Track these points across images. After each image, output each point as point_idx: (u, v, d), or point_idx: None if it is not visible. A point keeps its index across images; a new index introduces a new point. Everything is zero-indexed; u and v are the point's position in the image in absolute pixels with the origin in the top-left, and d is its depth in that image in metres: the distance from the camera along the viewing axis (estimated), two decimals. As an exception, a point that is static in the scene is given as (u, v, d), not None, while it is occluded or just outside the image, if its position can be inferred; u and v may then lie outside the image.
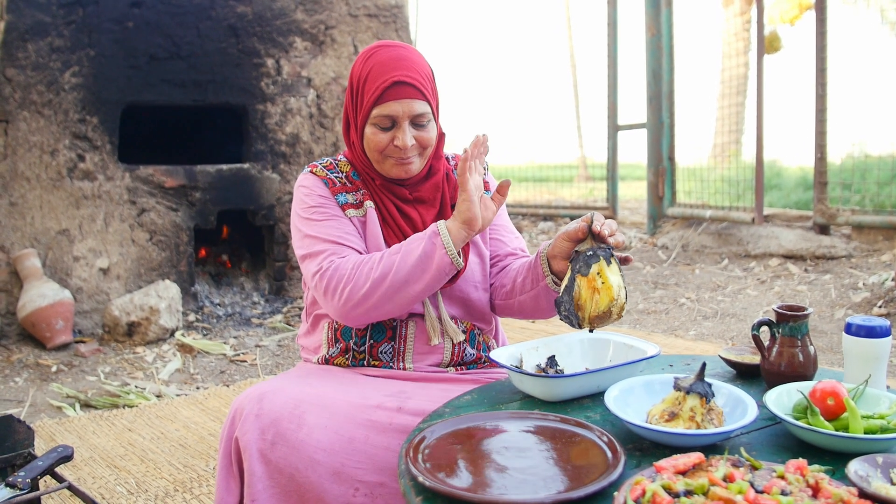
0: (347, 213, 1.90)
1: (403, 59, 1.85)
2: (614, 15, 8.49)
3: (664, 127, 7.76)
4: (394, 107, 1.81)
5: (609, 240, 1.67)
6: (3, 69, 4.65)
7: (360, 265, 1.75)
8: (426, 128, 1.87)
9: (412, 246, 1.74)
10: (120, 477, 2.91)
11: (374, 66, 1.84)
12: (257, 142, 5.54)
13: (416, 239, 1.75)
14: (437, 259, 1.71)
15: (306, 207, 1.90)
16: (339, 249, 1.83)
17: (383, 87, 1.81)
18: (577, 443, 1.39)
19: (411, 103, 1.82)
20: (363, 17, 5.94)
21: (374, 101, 1.82)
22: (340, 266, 1.77)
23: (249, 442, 1.61)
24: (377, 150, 1.86)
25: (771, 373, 1.66)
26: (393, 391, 1.77)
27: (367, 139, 1.86)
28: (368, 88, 1.83)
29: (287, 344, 4.83)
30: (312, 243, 1.85)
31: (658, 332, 4.92)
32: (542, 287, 1.85)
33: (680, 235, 7.41)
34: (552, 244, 1.79)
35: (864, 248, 6.25)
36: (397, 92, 1.81)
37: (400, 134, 1.83)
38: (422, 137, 1.86)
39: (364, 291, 1.72)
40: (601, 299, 1.62)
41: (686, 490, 1.13)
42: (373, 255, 1.77)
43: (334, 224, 1.87)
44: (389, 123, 1.83)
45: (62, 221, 4.84)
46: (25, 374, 4.22)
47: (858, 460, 1.23)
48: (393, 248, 1.77)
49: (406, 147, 1.83)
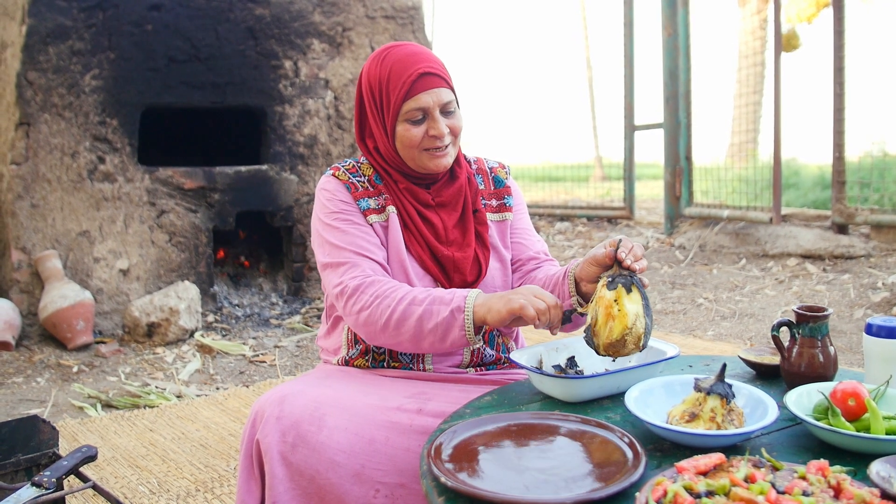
0: (370, 219, 1.90)
1: (420, 52, 1.88)
2: (630, 15, 8.47)
3: (681, 127, 7.73)
4: (424, 98, 1.83)
5: (634, 266, 1.64)
6: (24, 72, 4.70)
7: (381, 297, 1.74)
8: (454, 115, 1.89)
9: (434, 308, 1.70)
10: (142, 477, 2.94)
11: (394, 63, 1.85)
12: (275, 143, 5.57)
13: (442, 301, 1.71)
14: (454, 336, 1.69)
15: (328, 213, 1.90)
16: (360, 261, 1.83)
17: (411, 81, 1.82)
18: (598, 443, 1.40)
19: (439, 92, 1.84)
20: (380, 19, 5.96)
21: (403, 95, 1.83)
22: (361, 289, 1.76)
23: (270, 444, 1.62)
24: (413, 145, 1.86)
25: (791, 373, 1.66)
26: (413, 392, 1.78)
27: (401, 137, 1.86)
28: (394, 85, 1.84)
29: (305, 345, 4.85)
30: (334, 252, 1.86)
31: (676, 333, 4.91)
32: (566, 305, 1.85)
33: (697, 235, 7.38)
34: (580, 266, 1.78)
35: (884, 248, 6.20)
36: (425, 83, 1.83)
37: (434, 124, 1.84)
38: (453, 125, 1.88)
39: (380, 326, 1.74)
40: (615, 327, 1.59)
41: (707, 491, 1.13)
42: (395, 291, 1.75)
43: (356, 232, 1.87)
44: (421, 116, 1.84)
45: (83, 223, 4.88)
46: (47, 374, 4.26)
47: (880, 461, 1.22)
48: (416, 296, 1.73)
49: (442, 135, 1.84)
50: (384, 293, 1.75)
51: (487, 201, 2.04)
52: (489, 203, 2.05)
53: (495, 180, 2.09)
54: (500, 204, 2.06)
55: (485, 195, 2.05)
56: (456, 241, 1.93)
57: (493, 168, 2.11)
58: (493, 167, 2.11)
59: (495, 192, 2.07)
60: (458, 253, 1.91)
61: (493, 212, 2.04)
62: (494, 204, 2.06)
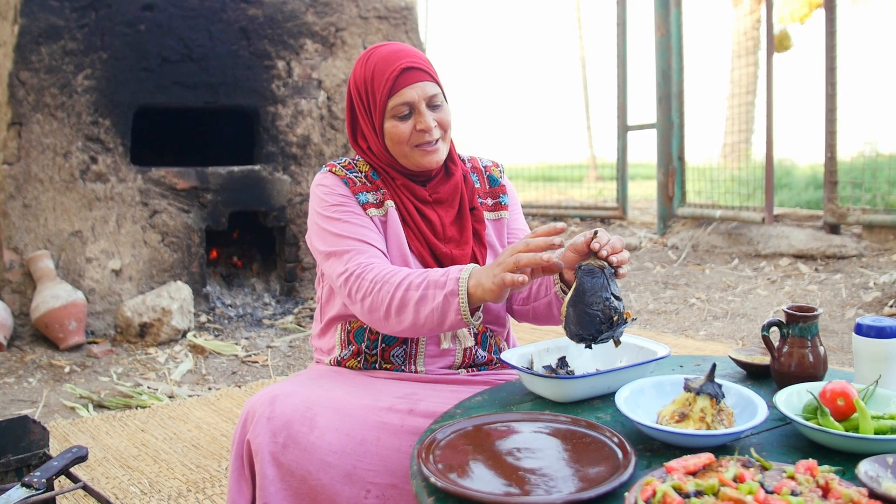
0: (369, 213, 1.89)
1: (402, 49, 1.88)
2: (624, 15, 8.48)
3: (674, 127, 7.75)
4: (408, 93, 1.83)
5: (611, 258, 1.62)
6: (16, 72, 4.69)
7: (381, 283, 1.71)
8: (442, 108, 1.88)
9: (430, 293, 1.66)
10: (133, 477, 2.93)
11: (378, 62, 1.85)
12: (268, 143, 5.56)
13: (437, 285, 1.66)
14: (451, 320, 1.65)
15: (328, 206, 1.88)
16: (364, 248, 1.81)
17: (394, 77, 1.82)
18: (588, 443, 1.40)
19: (423, 86, 1.84)
20: (373, 19, 5.96)
21: (387, 92, 1.83)
22: (363, 275, 1.75)
23: (261, 445, 1.63)
24: (402, 141, 1.85)
25: (781, 373, 1.67)
26: (404, 393, 1.78)
27: (390, 134, 1.86)
28: (378, 83, 1.84)
29: (298, 345, 4.85)
30: (337, 241, 1.84)
31: (668, 333, 4.92)
32: (553, 294, 1.86)
33: (690, 235, 7.40)
34: (562, 253, 1.79)
35: (875, 248, 6.23)
36: (408, 77, 1.83)
37: (420, 118, 1.84)
38: (441, 119, 1.87)
39: (383, 314, 1.71)
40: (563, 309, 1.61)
41: (696, 490, 1.13)
42: (393, 276, 1.72)
43: (358, 222, 1.86)
44: (407, 111, 1.84)
45: (75, 223, 4.87)
46: (39, 374, 4.25)
47: (868, 461, 1.23)
48: (412, 281, 1.69)
49: (430, 128, 1.84)
50: (383, 278, 1.72)
51: (483, 200, 2.05)
52: (485, 202, 2.05)
53: (490, 179, 2.09)
54: (495, 203, 2.06)
55: (481, 193, 2.05)
56: (454, 238, 1.93)
57: (488, 167, 2.11)
58: (486, 165, 2.12)
59: (490, 191, 2.07)
60: (456, 250, 1.91)
61: (489, 210, 2.04)
62: (490, 203, 2.06)
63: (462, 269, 1.66)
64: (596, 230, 1.67)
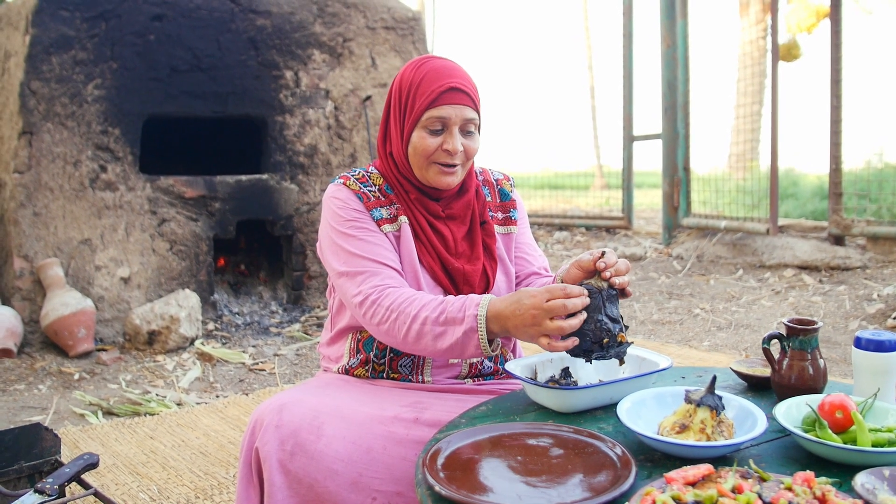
0: (383, 229, 1.90)
1: (457, 69, 1.89)
2: (630, 26, 8.52)
3: (679, 137, 7.77)
4: (447, 110, 1.84)
5: (615, 280, 1.67)
6: (27, 82, 4.74)
7: (396, 312, 1.74)
8: (473, 136, 1.90)
9: (448, 330, 1.70)
10: (142, 484, 2.96)
11: (429, 72, 1.86)
12: (276, 153, 5.61)
13: (454, 321, 1.70)
14: (470, 352, 1.71)
15: (342, 221, 1.89)
16: (378, 269, 1.83)
17: (439, 91, 1.83)
18: (590, 453, 1.43)
19: (464, 110, 1.85)
20: (381, 30, 6.00)
21: (428, 103, 1.84)
22: (378, 301, 1.77)
23: (269, 452, 1.65)
24: (424, 155, 1.86)
25: (781, 385, 1.69)
26: (410, 402, 1.80)
27: (415, 144, 1.87)
28: (422, 92, 1.85)
29: (305, 353, 4.88)
30: (351, 260, 1.85)
31: (672, 343, 4.94)
32: None
33: (695, 245, 7.42)
34: (567, 270, 1.82)
35: (880, 259, 6.24)
36: (452, 97, 1.84)
37: (450, 138, 1.85)
38: (468, 146, 1.88)
39: (399, 341, 1.76)
40: None
41: (695, 501, 1.15)
42: (407, 306, 1.74)
43: (372, 241, 1.87)
44: (440, 126, 1.85)
45: (84, 231, 4.91)
46: (49, 381, 4.28)
47: (865, 473, 1.25)
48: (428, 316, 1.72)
49: (456, 151, 1.85)
50: (398, 307, 1.75)
51: (494, 213, 2.07)
52: (496, 216, 2.07)
53: (501, 193, 2.11)
54: (505, 217, 2.09)
55: (491, 207, 2.07)
56: (465, 254, 1.95)
57: (499, 180, 2.13)
58: (498, 179, 2.14)
59: (501, 205, 2.10)
60: (468, 266, 1.93)
61: (499, 224, 2.07)
62: (500, 217, 2.08)
63: (479, 303, 1.70)
64: (604, 250, 1.70)
